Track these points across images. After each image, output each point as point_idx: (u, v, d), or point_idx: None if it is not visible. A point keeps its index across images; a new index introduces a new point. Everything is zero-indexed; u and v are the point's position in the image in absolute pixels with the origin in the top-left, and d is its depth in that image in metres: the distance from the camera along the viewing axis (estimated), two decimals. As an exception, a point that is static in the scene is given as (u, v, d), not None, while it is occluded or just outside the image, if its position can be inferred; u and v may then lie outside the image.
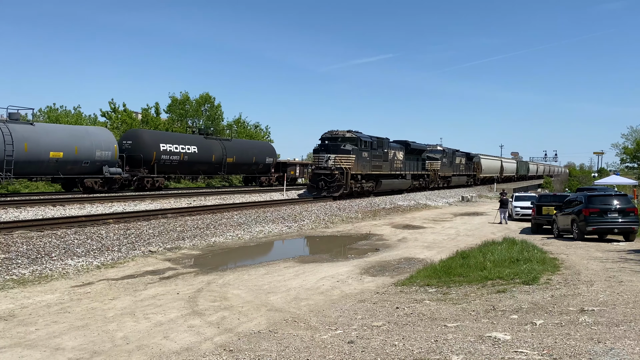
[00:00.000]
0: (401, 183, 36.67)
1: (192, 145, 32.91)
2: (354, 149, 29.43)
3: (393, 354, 5.23)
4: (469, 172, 54.99)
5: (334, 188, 28.24)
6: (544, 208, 20.37)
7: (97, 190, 26.45)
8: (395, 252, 14.52)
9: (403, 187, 37.38)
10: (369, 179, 31.97)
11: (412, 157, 38.90)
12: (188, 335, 6.53)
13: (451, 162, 48.10)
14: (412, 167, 38.59)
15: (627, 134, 55.07)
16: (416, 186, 40.52)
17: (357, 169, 29.73)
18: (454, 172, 49.19)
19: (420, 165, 40.73)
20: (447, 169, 46.91)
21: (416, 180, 40.30)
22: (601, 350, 4.82)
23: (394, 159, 34.89)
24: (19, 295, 8.71)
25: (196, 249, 14.22)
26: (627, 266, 10.43)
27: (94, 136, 26.53)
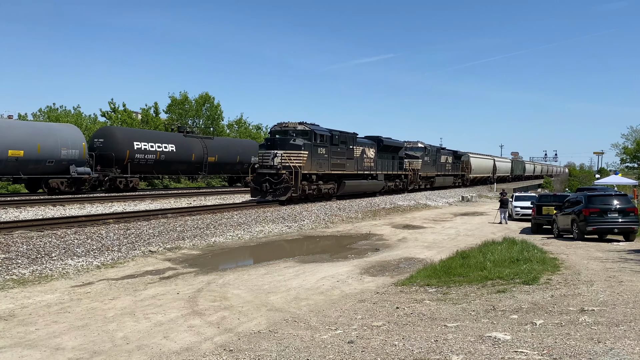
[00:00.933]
0: (371, 184, 32.14)
1: (170, 144, 31.41)
2: (307, 144, 24.72)
3: (393, 354, 5.23)
4: (456, 172, 50.63)
5: (281, 191, 23.60)
6: (544, 208, 20.38)
7: (64, 191, 25.03)
8: (395, 252, 14.52)
9: (374, 189, 32.99)
10: (328, 180, 27.41)
11: (386, 155, 34.30)
12: (188, 335, 6.53)
13: (434, 161, 43.60)
14: (385, 167, 33.96)
15: (627, 134, 55.16)
16: (391, 188, 36.02)
17: (311, 168, 25.07)
18: (439, 172, 44.73)
19: (397, 165, 36.11)
20: (430, 168, 42.46)
21: (391, 181, 35.81)
22: (601, 350, 4.82)
23: (363, 157, 30.37)
24: (19, 295, 8.71)
25: (196, 249, 14.22)
26: (627, 266, 10.43)
27: (59, 133, 24.87)
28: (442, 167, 45.80)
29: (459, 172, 51.80)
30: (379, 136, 34.03)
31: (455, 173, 50.22)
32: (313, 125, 26.03)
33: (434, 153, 43.65)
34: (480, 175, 58.93)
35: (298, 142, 24.39)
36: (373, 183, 32.48)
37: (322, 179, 26.75)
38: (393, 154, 35.75)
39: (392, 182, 35.98)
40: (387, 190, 35.15)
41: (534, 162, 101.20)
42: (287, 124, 25.64)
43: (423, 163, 40.45)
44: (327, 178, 27.31)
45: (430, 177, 42.82)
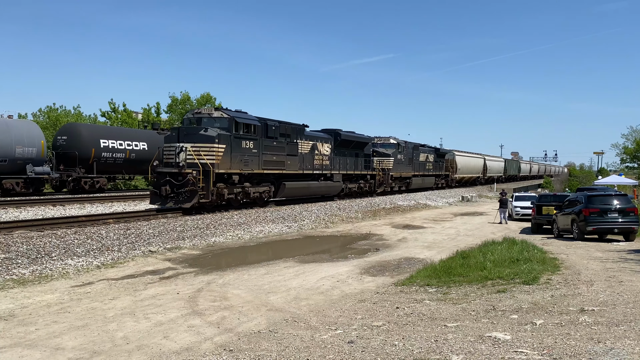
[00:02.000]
0: (323, 187, 26.76)
1: (142, 142, 29.32)
2: (224, 136, 19.31)
3: (393, 354, 5.23)
4: (438, 172, 45.41)
5: (185, 195, 18.16)
6: (544, 208, 20.38)
7: (20, 192, 23.31)
8: (395, 252, 14.52)
9: (328, 191, 27.83)
10: (261, 181, 22.13)
11: (346, 152, 29.54)
12: (188, 335, 6.53)
13: (411, 159, 38.44)
14: (345, 165, 28.96)
15: (627, 134, 55.20)
16: (353, 190, 30.75)
17: (231, 166, 19.73)
18: (417, 172, 39.62)
19: (362, 163, 31.18)
20: (405, 167, 37.40)
21: (353, 182, 30.57)
22: (601, 350, 4.82)
23: (313, 154, 25.49)
24: (19, 295, 8.72)
25: (196, 249, 14.22)
26: (627, 266, 10.43)
27: (15, 130, 23.11)
28: (421, 167, 40.82)
29: (442, 172, 46.67)
30: (337, 129, 29.14)
31: (437, 173, 45.19)
32: (237, 113, 20.75)
33: (410, 150, 38.62)
34: (467, 175, 54.00)
35: (210, 133, 18.87)
36: (326, 185, 27.08)
37: (250, 180, 21.44)
38: (357, 151, 30.85)
39: (355, 183, 30.84)
40: (347, 193, 30.17)
41: (530, 162, 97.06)
42: (201, 111, 20.60)
43: (396, 161, 35.45)
44: (260, 179, 22.05)
45: (405, 178, 37.89)
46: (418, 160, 40.27)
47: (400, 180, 37.26)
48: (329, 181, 27.35)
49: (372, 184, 32.93)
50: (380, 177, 33.64)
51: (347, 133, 29.88)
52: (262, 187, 22.11)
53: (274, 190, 23.01)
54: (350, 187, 30.31)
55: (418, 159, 40.33)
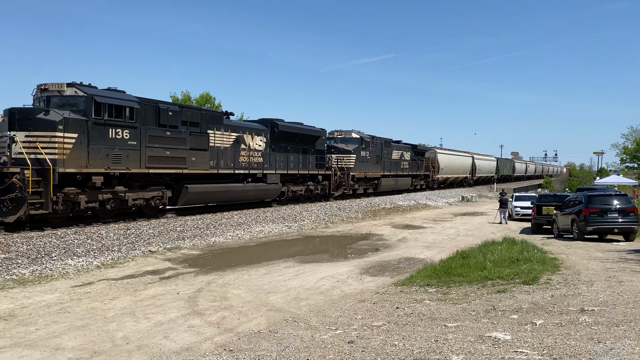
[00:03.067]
0: (251, 190, 21.32)
1: None
2: (76, 122, 14.19)
3: (393, 354, 5.23)
4: (417, 172, 40.43)
5: (6, 205, 12.81)
6: (544, 208, 20.36)
7: None
8: (395, 252, 14.52)
9: (259, 196, 22.49)
10: (150, 184, 16.99)
11: (289, 147, 24.45)
12: (188, 335, 6.53)
13: (379, 157, 33.20)
14: (287, 164, 23.84)
15: (627, 134, 55.22)
16: (299, 194, 25.47)
17: (89, 163, 14.55)
18: (387, 172, 34.48)
19: (312, 161, 26.12)
20: (372, 167, 32.19)
21: (299, 184, 25.50)
22: (601, 350, 4.81)
23: (238, 149, 20.55)
24: (19, 295, 8.72)
25: (196, 249, 14.22)
26: (627, 266, 10.43)
27: None
28: (393, 166, 35.54)
29: (421, 172, 41.75)
30: (276, 119, 24.05)
31: (415, 173, 40.11)
32: (102, 91, 15.34)
33: (379, 147, 33.28)
34: (452, 175, 48.93)
35: (52, 117, 13.78)
36: (256, 188, 21.54)
37: (130, 182, 16.33)
38: (305, 146, 25.81)
39: (301, 185, 25.66)
40: (291, 197, 25.04)
41: (526, 161, 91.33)
42: (48, 87, 14.81)
43: (359, 159, 30.30)
44: (147, 181, 16.95)
45: (372, 179, 32.86)
46: (389, 159, 35.09)
47: (365, 181, 32.29)
48: (261, 183, 21.92)
49: (325, 186, 27.61)
50: (338, 178, 28.71)
51: (290, 124, 24.65)
52: (149, 191, 16.77)
53: (173, 195, 17.82)
54: (294, 190, 24.99)
55: (389, 156, 35.14)
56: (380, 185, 33.88)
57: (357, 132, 31.19)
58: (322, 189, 27.51)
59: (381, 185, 33.93)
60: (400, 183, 37.34)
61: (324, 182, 27.64)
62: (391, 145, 35.76)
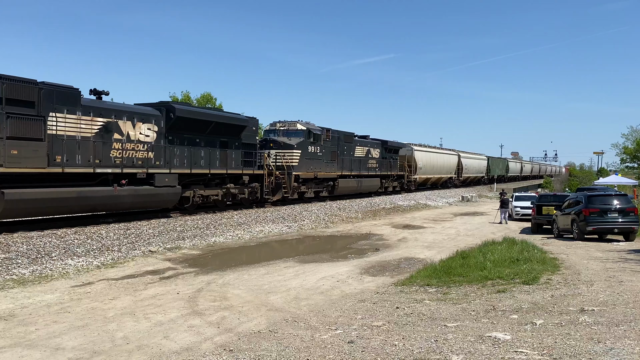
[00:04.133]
0: (123, 197, 15.64)
1: None
2: None
3: (393, 353, 5.23)
4: (387, 172, 35.13)
5: None
6: (544, 208, 20.36)
7: None
8: (395, 252, 14.52)
9: (139, 204, 16.72)
10: None
11: (198, 139, 18.91)
12: (188, 335, 6.54)
13: (336, 153, 28.24)
14: (191, 160, 18.34)
15: (627, 134, 55.16)
16: (215, 199, 19.97)
17: None
18: (347, 171, 29.26)
19: (236, 157, 20.69)
20: (325, 165, 27.02)
21: (213, 187, 19.87)
22: (601, 350, 4.82)
23: (108, 140, 15.53)
24: (19, 295, 8.72)
25: (196, 249, 14.22)
26: (627, 266, 10.43)
27: None
28: (355, 164, 30.44)
29: (395, 172, 36.68)
30: (174, 102, 19.47)
31: (386, 173, 34.83)
32: None
33: (335, 142, 28.33)
34: (433, 176, 44.06)
35: None
36: (134, 193, 15.89)
37: None
38: (224, 139, 20.27)
39: (216, 188, 19.96)
40: (196, 205, 19.15)
41: (522, 160, 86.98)
42: None
43: (305, 156, 25.29)
44: None
45: (325, 179, 27.74)
46: (351, 156, 30.08)
47: (316, 182, 27.07)
48: (146, 186, 16.30)
49: (256, 190, 22.23)
50: (274, 179, 23.38)
51: (196, 109, 19.87)
52: None
53: None
54: (205, 196, 19.36)
55: (351, 153, 30.19)
56: (338, 187, 28.44)
57: (303, 123, 26.02)
58: (251, 192, 21.94)
59: (338, 187, 28.45)
60: (366, 185, 31.87)
61: (254, 185, 22.01)
62: (354, 140, 30.82)
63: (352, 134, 30.93)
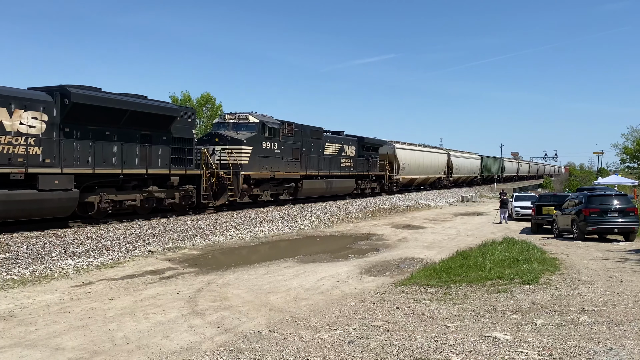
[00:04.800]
0: None
1: None
2: None
3: (393, 354, 5.23)
4: (365, 172, 31.65)
5: None
6: (544, 208, 20.37)
7: None
8: (395, 252, 14.52)
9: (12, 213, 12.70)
10: None
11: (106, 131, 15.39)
12: (188, 335, 6.54)
13: (298, 151, 24.51)
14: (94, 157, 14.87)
15: (627, 134, 55.13)
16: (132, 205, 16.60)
17: None
18: (313, 171, 25.66)
19: (164, 155, 17.31)
20: (284, 164, 23.35)
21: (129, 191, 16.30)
22: (601, 350, 4.82)
23: None
24: (19, 295, 8.72)
25: (196, 249, 14.22)
26: (627, 266, 10.43)
27: None
28: (325, 163, 26.91)
29: (374, 172, 33.08)
30: (69, 86, 14.34)
31: (362, 173, 31.29)
32: None
33: (299, 137, 24.68)
34: (419, 176, 40.59)
35: None
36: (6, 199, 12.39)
37: None
38: (146, 132, 16.70)
39: (134, 192, 16.49)
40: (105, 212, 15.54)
41: (518, 160, 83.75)
42: None
43: (258, 153, 21.47)
44: None
45: (285, 180, 24.07)
46: (320, 154, 26.57)
47: (274, 184, 23.35)
48: (26, 190, 12.95)
49: (190, 193, 18.35)
50: (215, 180, 19.45)
51: (97, 94, 15.02)
52: None
53: None
54: (117, 201, 15.82)
55: (319, 151, 26.60)
56: (302, 190, 24.76)
57: (257, 115, 22.24)
58: (185, 197, 18.20)
59: (302, 189, 24.81)
60: (338, 186, 28.20)
61: (187, 187, 18.15)
62: (323, 136, 27.11)
63: (320, 129, 27.08)
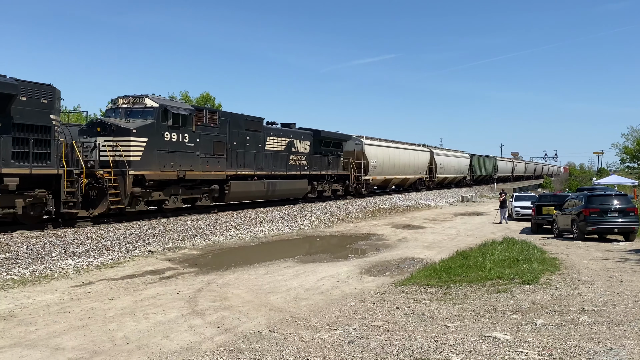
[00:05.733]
0: None
1: None
2: None
3: (393, 353, 5.23)
4: (322, 171, 26.61)
5: None
6: (544, 208, 20.37)
7: None
8: (395, 252, 14.52)
9: None
10: None
11: None
12: (188, 335, 6.54)
13: (222, 145, 19.59)
14: None
15: (627, 134, 55.18)
16: None
17: None
18: (245, 170, 20.82)
19: None
20: (201, 161, 18.45)
21: None
22: (601, 350, 4.82)
23: None
24: (19, 295, 8.72)
25: (196, 249, 14.22)
26: (627, 266, 10.43)
27: None
28: (267, 161, 22.16)
29: (335, 172, 28.00)
30: None
31: (318, 173, 26.26)
32: None
33: (225, 128, 19.85)
34: (394, 177, 35.55)
35: None
36: None
37: None
38: None
39: None
40: None
41: (514, 160, 79.18)
42: None
43: (157, 147, 16.82)
44: None
45: (204, 182, 18.96)
46: (258, 149, 21.69)
47: (187, 186, 18.19)
48: None
49: (43, 200, 13.51)
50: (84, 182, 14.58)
51: None
52: None
53: None
54: None
55: (259, 145, 21.76)
56: (229, 193, 19.72)
57: (158, 99, 17.50)
58: (33, 205, 13.43)
59: (230, 192, 19.73)
60: (284, 188, 23.21)
61: (36, 192, 13.29)
62: (263, 128, 22.31)
63: (259, 120, 22.14)
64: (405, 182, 39.07)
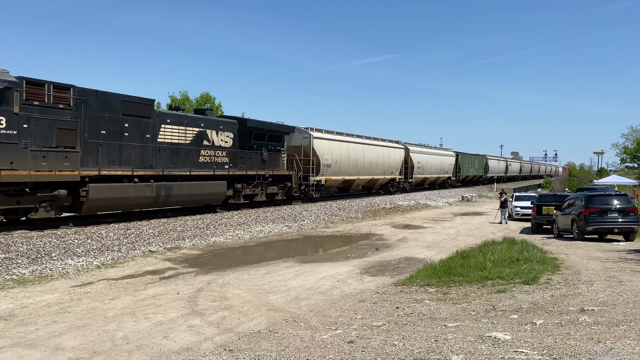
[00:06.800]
0: None
1: None
2: None
3: (393, 353, 5.23)
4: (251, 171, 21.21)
5: None
6: (544, 208, 20.38)
7: None
8: (395, 252, 14.52)
9: None
10: None
11: None
12: (188, 335, 6.54)
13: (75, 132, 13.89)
14: None
15: (627, 134, 55.22)
16: None
17: None
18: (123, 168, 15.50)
19: None
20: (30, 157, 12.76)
21: None
22: (601, 350, 4.81)
23: None
24: (19, 295, 8.72)
25: (196, 249, 14.22)
26: (627, 266, 10.43)
27: None
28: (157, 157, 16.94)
29: (271, 172, 22.55)
30: None
31: (244, 173, 20.91)
32: None
33: (80, 111, 14.25)
34: (356, 177, 30.07)
35: None
36: None
37: None
38: None
39: None
40: None
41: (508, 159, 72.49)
42: None
43: None
44: None
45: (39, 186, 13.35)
46: (145, 141, 16.55)
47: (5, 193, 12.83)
48: None
49: None
50: None
51: None
52: None
53: None
54: None
55: (146, 136, 16.65)
56: (88, 200, 14.44)
57: None
58: None
59: (90, 199, 14.45)
60: (188, 193, 17.92)
61: None
62: (153, 113, 16.95)
63: (147, 102, 16.74)
64: (374, 183, 33.16)
